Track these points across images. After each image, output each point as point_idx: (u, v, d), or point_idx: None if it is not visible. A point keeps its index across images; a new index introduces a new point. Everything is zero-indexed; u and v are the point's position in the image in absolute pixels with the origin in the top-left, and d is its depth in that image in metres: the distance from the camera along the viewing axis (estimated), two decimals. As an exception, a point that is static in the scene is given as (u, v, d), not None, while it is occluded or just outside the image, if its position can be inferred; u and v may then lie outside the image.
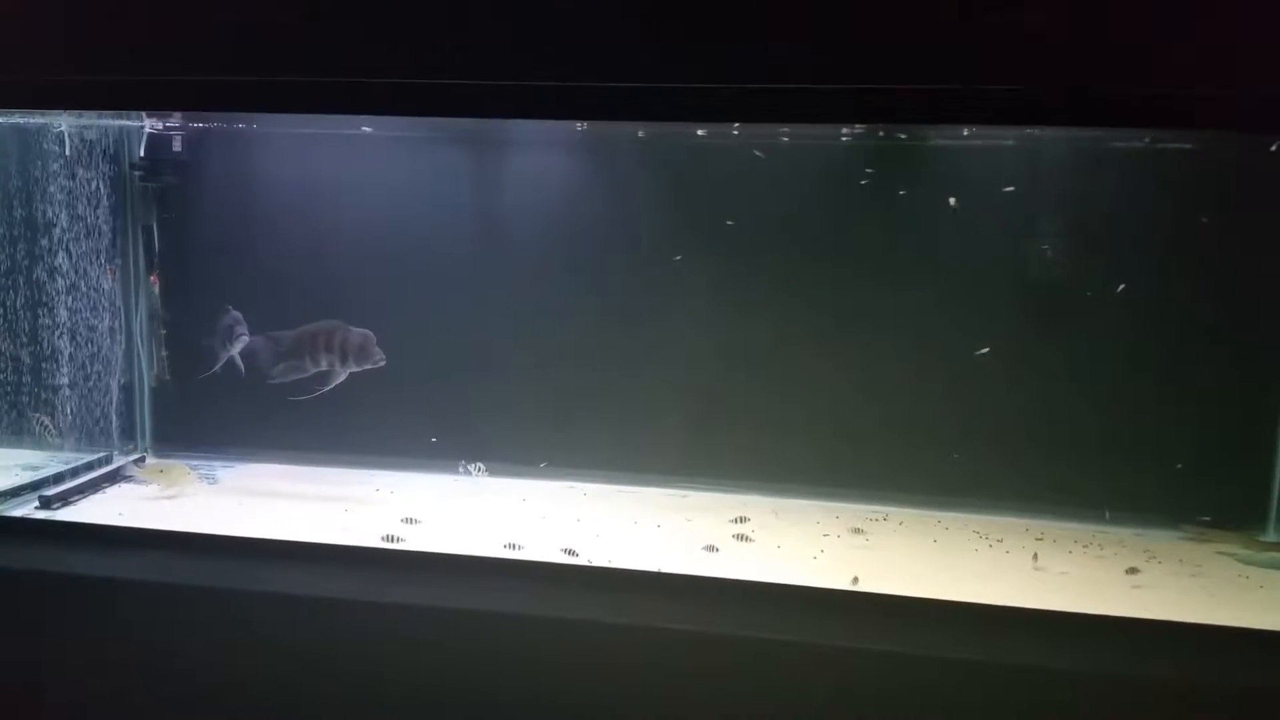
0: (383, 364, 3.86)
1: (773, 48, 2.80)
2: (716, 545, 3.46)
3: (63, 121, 4.01)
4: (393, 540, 3.39)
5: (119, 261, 4.28)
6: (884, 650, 2.78)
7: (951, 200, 3.78)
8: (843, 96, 2.85)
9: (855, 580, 3.17)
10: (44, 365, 4.11)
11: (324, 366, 3.86)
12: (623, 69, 2.87)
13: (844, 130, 3.75)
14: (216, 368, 3.95)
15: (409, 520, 3.60)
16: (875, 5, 2.75)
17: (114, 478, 4.12)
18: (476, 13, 2.92)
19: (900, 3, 2.75)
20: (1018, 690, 2.72)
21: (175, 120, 4.16)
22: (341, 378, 3.86)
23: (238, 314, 3.93)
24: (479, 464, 4.01)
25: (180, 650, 3.07)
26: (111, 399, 4.29)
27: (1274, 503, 3.72)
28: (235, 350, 3.93)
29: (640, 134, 3.97)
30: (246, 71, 3.05)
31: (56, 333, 4.10)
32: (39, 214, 4.04)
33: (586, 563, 3.27)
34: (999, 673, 2.73)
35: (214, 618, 3.07)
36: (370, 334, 3.85)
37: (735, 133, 3.84)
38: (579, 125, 3.92)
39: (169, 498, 3.94)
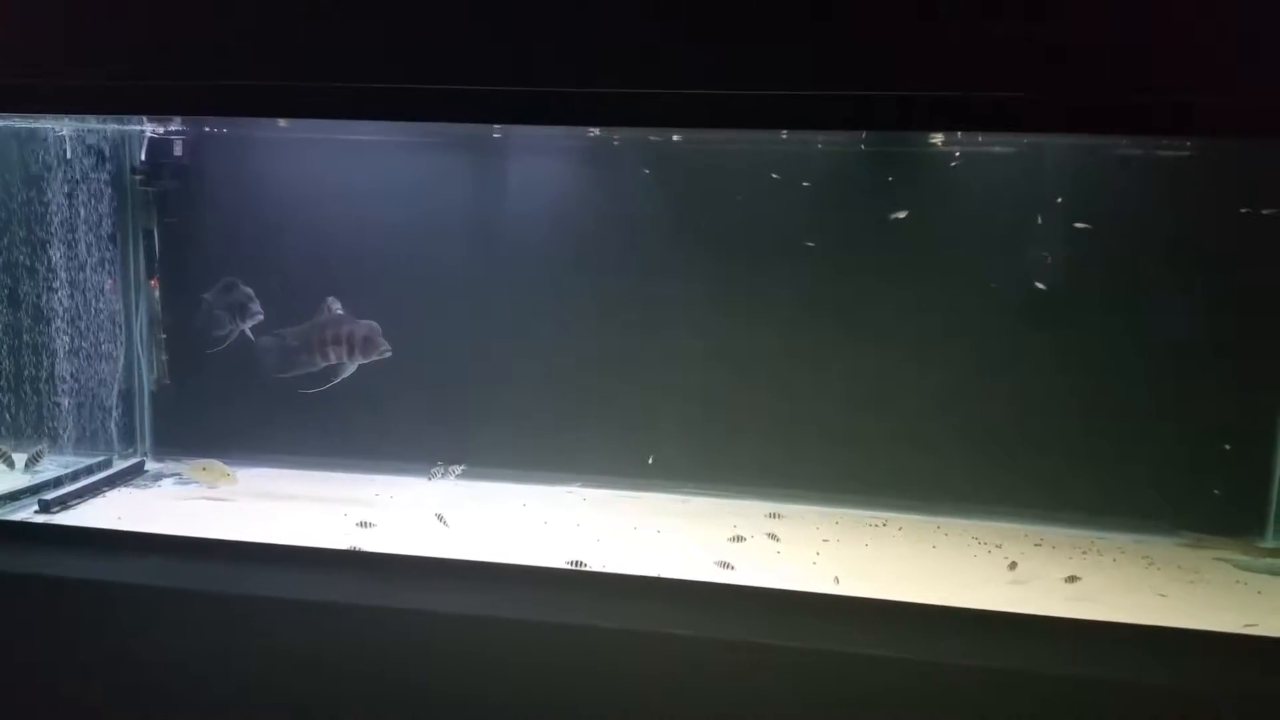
0: (389, 355, 3.87)
1: (773, 53, 2.82)
2: (730, 562, 3.39)
3: (64, 126, 4.02)
4: (353, 548, 3.40)
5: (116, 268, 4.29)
6: (878, 655, 2.78)
7: (897, 214, 3.80)
8: (842, 103, 2.86)
9: (836, 580, 3.19)
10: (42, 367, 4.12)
11: (332, 361, 3.86)
12: (625, 75, 2.89)
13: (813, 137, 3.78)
14: (228, 343, 3.95)
15: (364, 523, 3.62)
16: (875, 11, 2.76)
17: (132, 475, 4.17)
18: (478, 18, 2.93)
19: (899, 9, 2.77)
20: (1011, 696, 2.73)
21: (176, 124, 4.17)
22: (350, 370, 3.87)
23: (249, 289, 3.94)
24: (450, 467, 3.95)
25: (178, 654, 3.07)
26: (110, 403, 4.30)
27: (1272, 508, 3.73)
28: (248, 325, 3.93)
29: (639, 138, 3.98)
30: (248, 76, 3.06)
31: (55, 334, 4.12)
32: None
33: (585, 567, 3.27)
34: (993, 677, 2.73)
35: (212, 622, 3.07)
36: (376, 325, 3.86)
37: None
38: (587, 131, 3.93)
39: (214, 498, 3.98)
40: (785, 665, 2.81)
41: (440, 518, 3.61)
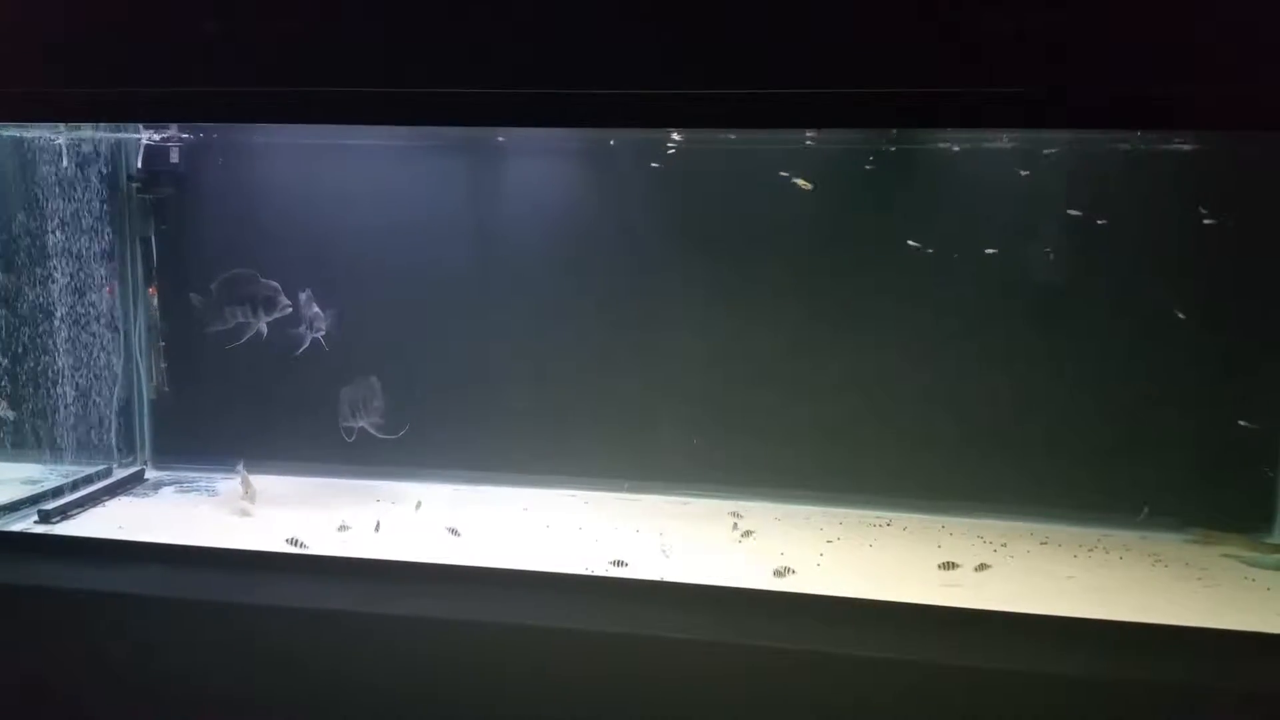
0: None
1: (771, 52, 2.80)
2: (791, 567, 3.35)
3: (60, 135, 4.00)
4: (297, 544, 3.40)
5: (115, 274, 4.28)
6: (883, 658, 2.77)
7: (800, 182, 3.76)
8: (839, 101, 2.84)
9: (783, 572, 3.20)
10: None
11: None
12: (620, 75, 2.87)
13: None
14: (245, 338, 3.92)
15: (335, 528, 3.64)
16: (870, 9, 2.74)
17: (132, 483, 4.13)
18: (475, 21, 2.92)
19: (892, 6, 2.75)
20: (1014, 697, 2.71)
21: (172, 131, 4.16)
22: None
23: (274, 282, 3.89)
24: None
25: (179, 663, 3.06)
26: (110, 411, 4.29)
27: (1279, 505, 3.70)
28: (266, 320, 3.90)
29: (637, 138, 3.96)
30: (244, 83, 3.05)
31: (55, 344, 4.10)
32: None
33: (586, 571, 3.25)
34: (993, 678, 2.72)
35: (213, 631, 3.06)
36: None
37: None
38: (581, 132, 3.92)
39: (219, 507, 3.99)
40: (790, 668, 2.80)
41: (394, 503, 3.75)
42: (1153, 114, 2.78)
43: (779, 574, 3.23)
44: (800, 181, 3.75)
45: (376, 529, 3.65)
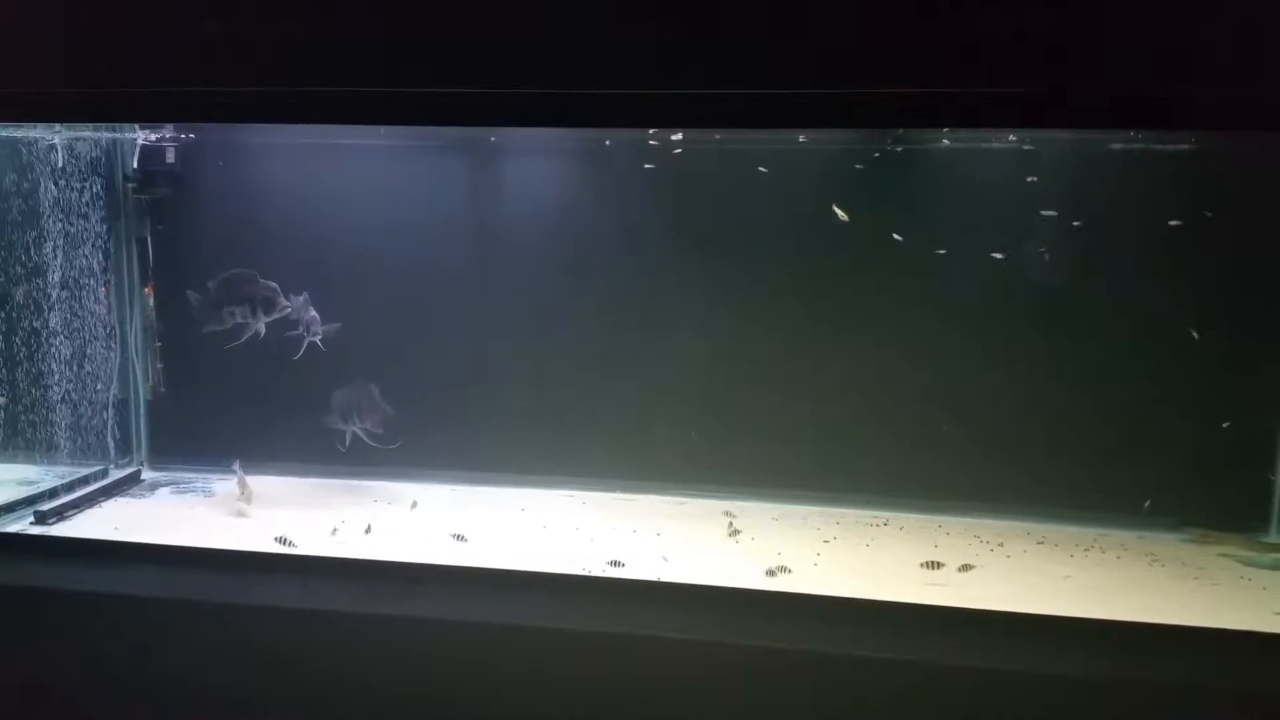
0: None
1: (771, 52, 2.81)
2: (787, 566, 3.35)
3: (56, 135, 4.00)
4: (285, 543, 3.39)
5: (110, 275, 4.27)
6: (880, 658, 2.77)
7: (839, 211, 3.77)
8: (835, 101, 2.84)
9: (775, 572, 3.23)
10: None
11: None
12: (619, 75, 2.87)
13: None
14: (244, 338, 3.92)
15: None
16: (866, 9, 2.75)
17: (128, 484, 4.12)
18: (475, 21, 2.92)
19: (892, 6, 2.75)
20: (1014, 696, 2.72)
21: (168, 131, 4.15)
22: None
23: (273, 284, 3.89)
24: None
25: (176, 664, 3.06)
26: (107, 411, 4.28)
27: (1275, 504, 3.72)
28: (264, 321, 3.90)
29: (635, 139, 3.96)
30: (244, 82, 3.05)
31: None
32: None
33: (584, 571, 3.25)
34: (992, 678, 2.72)
35: (210, 631, 3.06)
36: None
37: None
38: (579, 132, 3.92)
39: (214, 507, 3.98)
40: (788, 668, 2.80)
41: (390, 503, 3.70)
42: (1153, 114, 2.80)
43: (772, 573, 3.23)
44: (838, 211, 3.75)
45: (367, 531, 3.63)
